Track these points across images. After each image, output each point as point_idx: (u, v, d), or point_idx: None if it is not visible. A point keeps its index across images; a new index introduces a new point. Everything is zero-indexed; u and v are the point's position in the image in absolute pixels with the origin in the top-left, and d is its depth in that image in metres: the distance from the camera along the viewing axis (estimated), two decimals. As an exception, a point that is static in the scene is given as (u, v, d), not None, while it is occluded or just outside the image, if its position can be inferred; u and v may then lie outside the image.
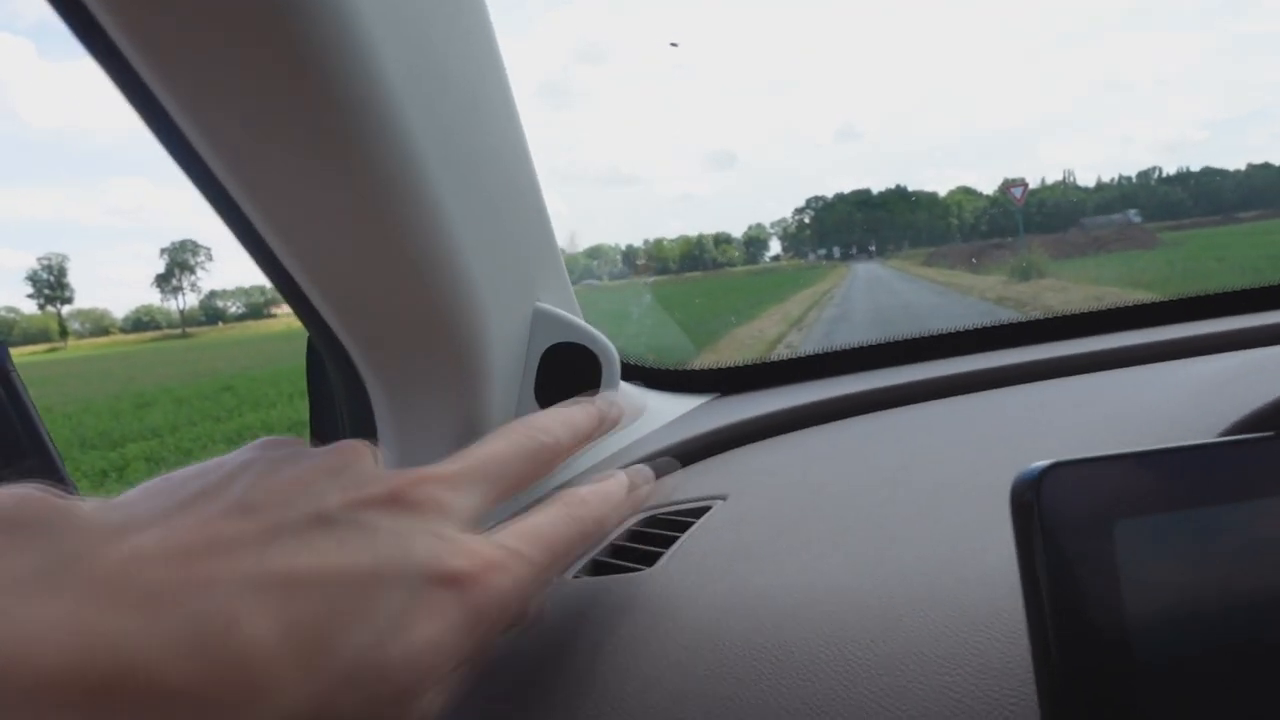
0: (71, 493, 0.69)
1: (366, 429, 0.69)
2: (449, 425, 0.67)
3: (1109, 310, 1.09)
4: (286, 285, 0.62)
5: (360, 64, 0.50)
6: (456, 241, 0.60)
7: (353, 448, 0.40)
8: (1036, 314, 1.12)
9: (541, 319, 0.72)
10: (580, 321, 0.73)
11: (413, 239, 0.57)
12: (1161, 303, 1.08)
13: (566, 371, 0.72)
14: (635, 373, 1.06)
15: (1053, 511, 0.37)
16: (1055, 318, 1.10)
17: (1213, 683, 0.37)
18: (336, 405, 0.71)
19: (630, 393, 0.95)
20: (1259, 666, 0.37)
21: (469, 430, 0.67)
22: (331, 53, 0.49)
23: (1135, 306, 1.08)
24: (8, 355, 0.69)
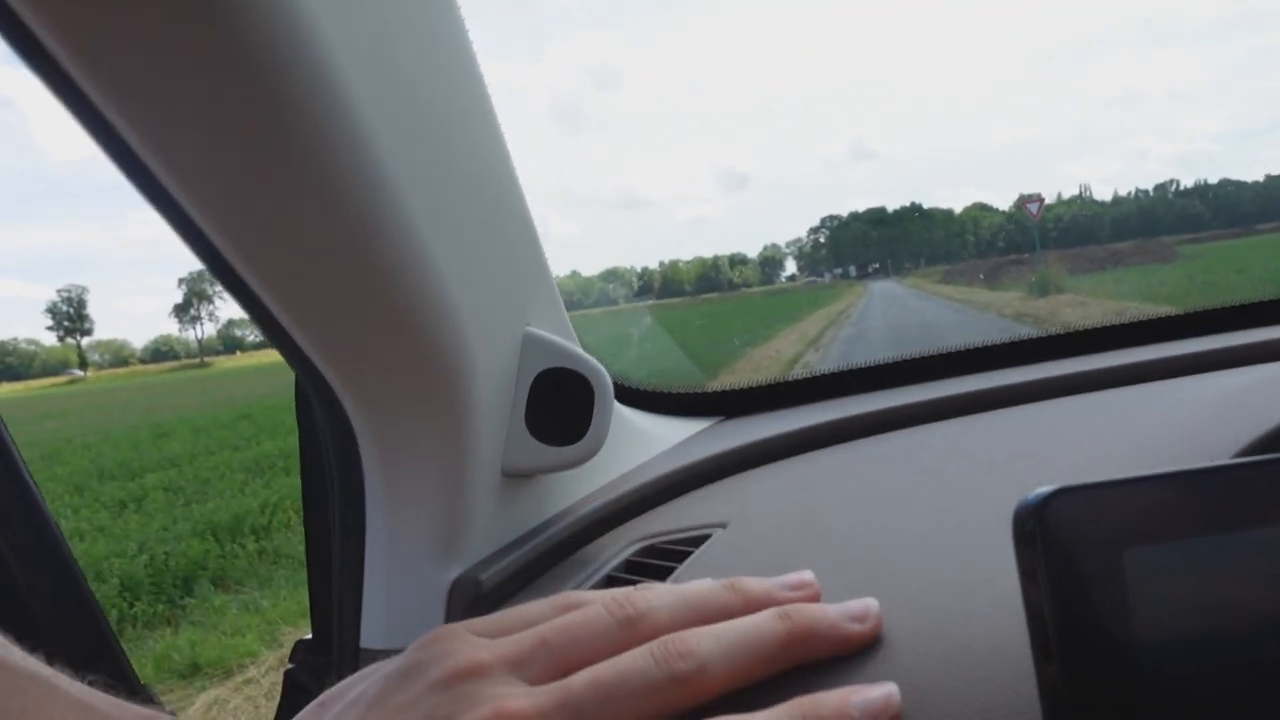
0: (48, 526, 0.68)
1: (351, 463, 0.67)
2: (435, 457, 0.65)
3: (1118, 326, 1.06)
4: (262, 316, 0.60)
5: (325, 86, 0.48)
6: (436, 266, 0.58)
7: (456, 666, 0.43)
8: (1046, 331, 1.10)
9: (532, 344, 0.70)
10: (572, 346, 0.71)
11: (388, 264, 0.55)
12: (1174, 317, 1.06)
13: (559, 397, 0.70)
14: (638, 398, 1.04)
15: (1058, 540, 0.35)
16: (1063, 334, 1.08)
17: (1232, 723, 0.35)
18: (322, 441, 0.70)
19: (630, 418, 0.93)
20: (1283, 705, 0.35)
21: (456, 461, 0.65)
22: (295, 77, 0.47)
23: (1146, 321, 1.06)
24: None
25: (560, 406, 0.70)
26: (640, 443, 0.92)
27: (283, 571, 5.59)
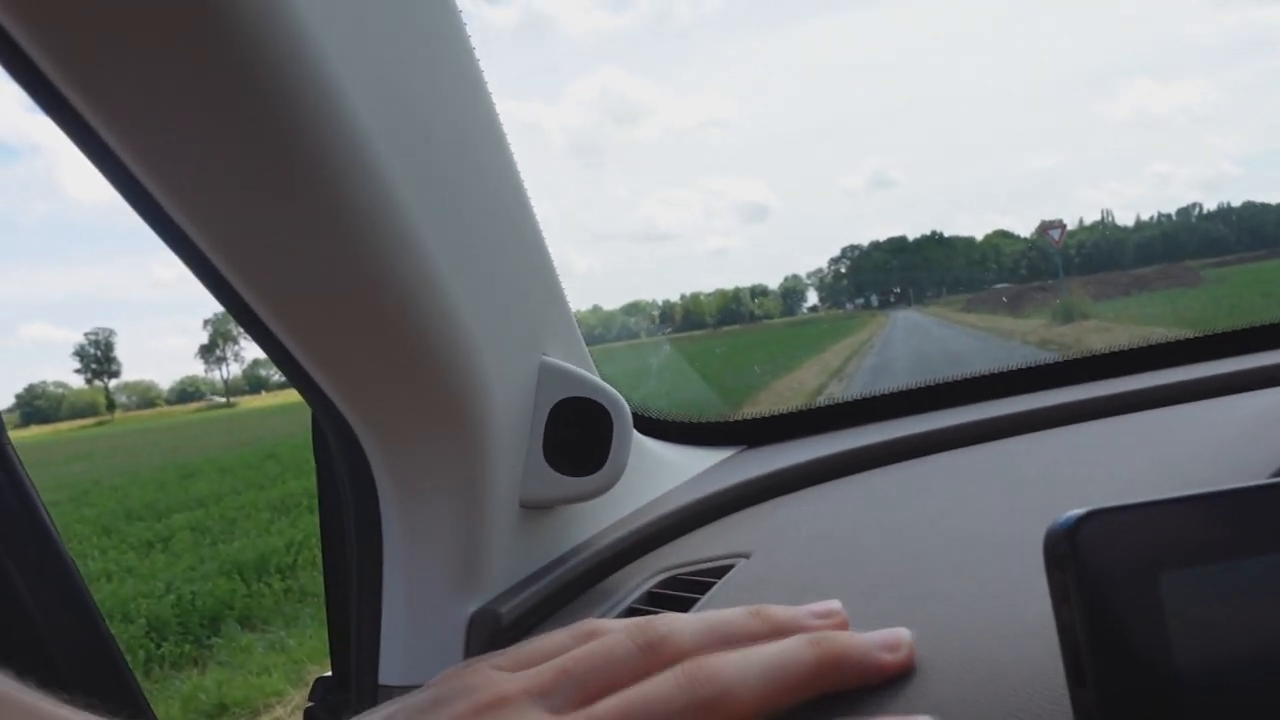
0: (65, 565, 0.68)
1: (368, 498, 0.67)
2: (452, 490, 0.64)
3: (1146, 347, 1.05)
4: (277, 351, 0.60)
5: (336, 121, 0.48)
6: (448, 298, 0.57)
7: (480, 700, 0.42)
8: (1072, 355, 1.08)
9: (548, 373, 0.69)
10: (589, 374, 0.71)
11: (399, 297, 0.55)
12: (1202, 338, 1.04)
13: (577, 427, 0.69)
14: (659, 428, 1.03)
15: (1091, 564, 0.34)
16: (1090, 357, 1.06)
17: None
18: (339, 477, 0.69)
19: (650, 448, 0.92)
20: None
21: (473, 493, 0.64)
22: (305, 113, 0.47)
23: (1174, 343, 1.04)
24: (2, 428, 0.68)
25: (579, 436, 0.69)
26: (661, 473, 0.91)
27: (308, 610, 5.59)
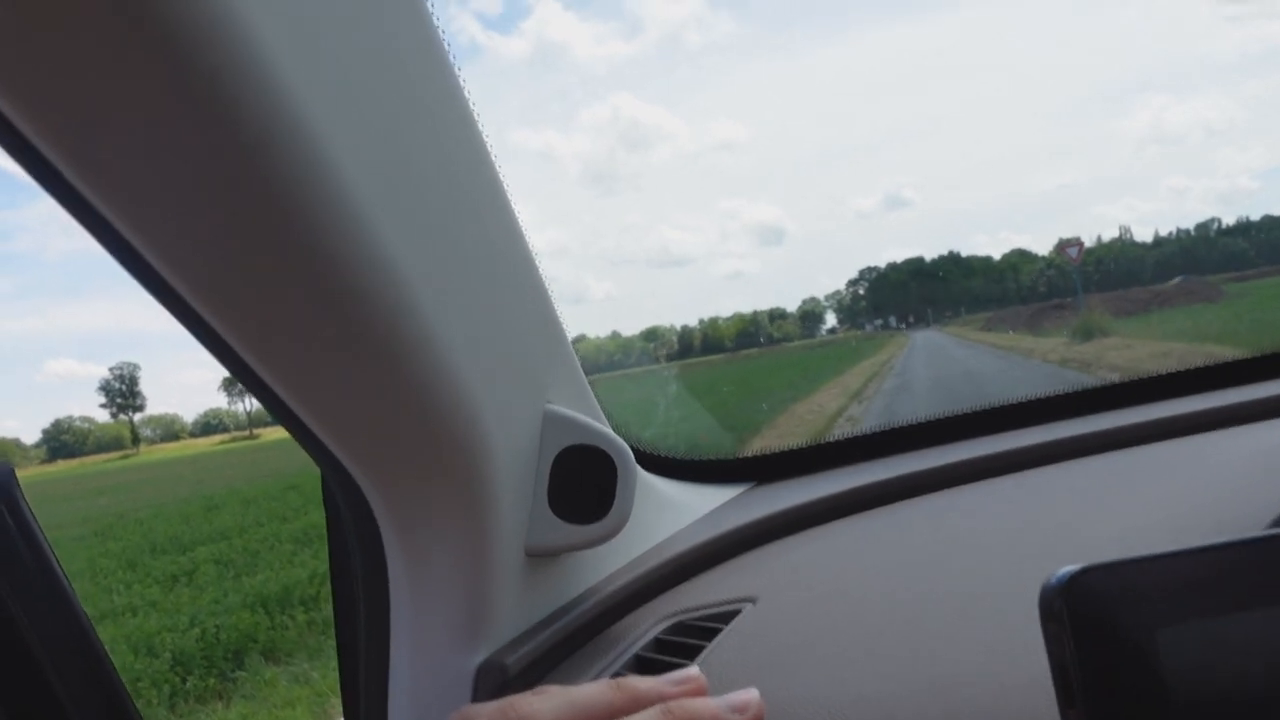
0: (75, 613, 0.68)
1: (374, 551, 0.66)
2: (457, 540, 0.64)
3: (1155, 378, 1.04)
4: (279, 409, 0.60)
5: (328, 179, 0.48)
6: (448, 350, 0.57)
7: None
8: (1078, 386, 1.07)
9: (552, 422, 0.69)
10: (593, 422, 0.70)
11: (399, 352, 0.55)
12: (1209, 368, 1.03)
13: (582, 474, 0.69)
14: (668, 466, 1.02)
15: (1086, 621, 0.34)
16: (1096, 389, 1.05)
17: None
18: (347, 531, 0.69)
19: (659, 487, 0.92)
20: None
21: (478, 543, 0.64)
22: (293, 166, 0.47)
23: (1180, 373, 1.03)
24: (15, 481, 0.68)
25: (583, 483, 0.69)
26: (670, 513, 0.91)
27: (332, 642, 5.57)
